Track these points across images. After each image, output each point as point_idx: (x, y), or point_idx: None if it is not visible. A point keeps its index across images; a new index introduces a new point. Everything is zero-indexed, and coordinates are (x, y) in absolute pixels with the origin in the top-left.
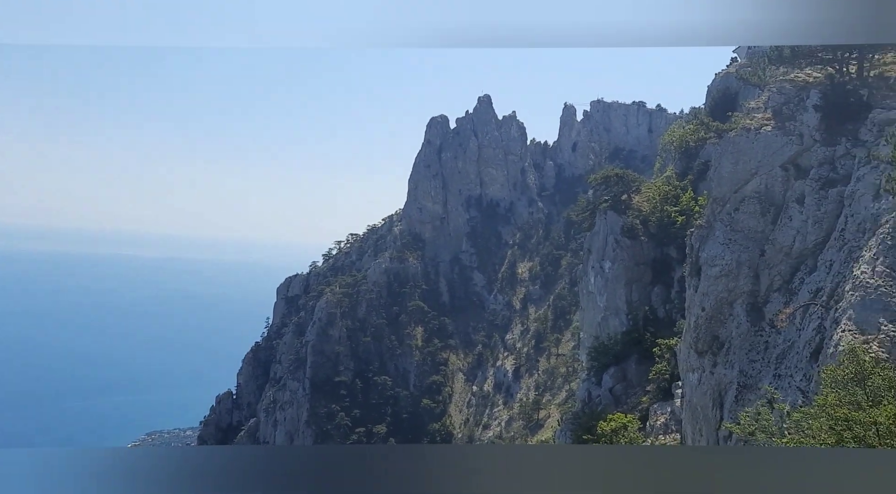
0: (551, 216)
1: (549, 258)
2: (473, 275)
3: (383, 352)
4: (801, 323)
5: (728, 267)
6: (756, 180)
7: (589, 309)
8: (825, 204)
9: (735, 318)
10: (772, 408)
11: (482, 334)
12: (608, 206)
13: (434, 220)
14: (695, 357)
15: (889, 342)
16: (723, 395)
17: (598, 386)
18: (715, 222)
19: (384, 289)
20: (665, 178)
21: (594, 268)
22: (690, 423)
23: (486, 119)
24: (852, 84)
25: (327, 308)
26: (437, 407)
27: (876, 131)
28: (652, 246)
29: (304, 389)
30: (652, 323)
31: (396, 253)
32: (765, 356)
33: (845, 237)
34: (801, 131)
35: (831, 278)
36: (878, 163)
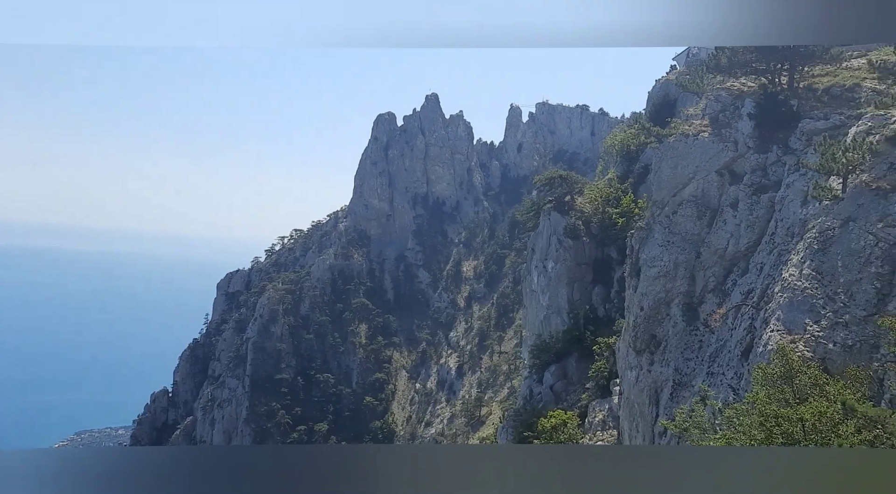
0: (496, 215)
1: (494, 257)
2: (419, 273)
3: (326, 350)
4: (733, 323)
5: (666, 269)
6: (693, 184)
7: (532, 308)
8: (757, 208)
9: (672, 318)
10: (705, 405)
11: (426, 332)
12: (552, 207)
13: (380, 217)
14: (633, 355)
15: (814, 342)
16: (659, 393)
17: (539, 383)
18: (654, 224)
19: (328, 286)
20: (607, 181)
21: (537, 268)
22: (628, 420)
23: (434, 117)
24: (783, 94)
25: (269, 304)
26: (379, 404)
27: (805, 140)
28: (593, 246)
29: (243, 387)
30: (592, 322)
31: (341, 250)
32: (699, 354)
33: (775, 241)
34: (736, 138)
35: (762, 280)
36: (806, 170)
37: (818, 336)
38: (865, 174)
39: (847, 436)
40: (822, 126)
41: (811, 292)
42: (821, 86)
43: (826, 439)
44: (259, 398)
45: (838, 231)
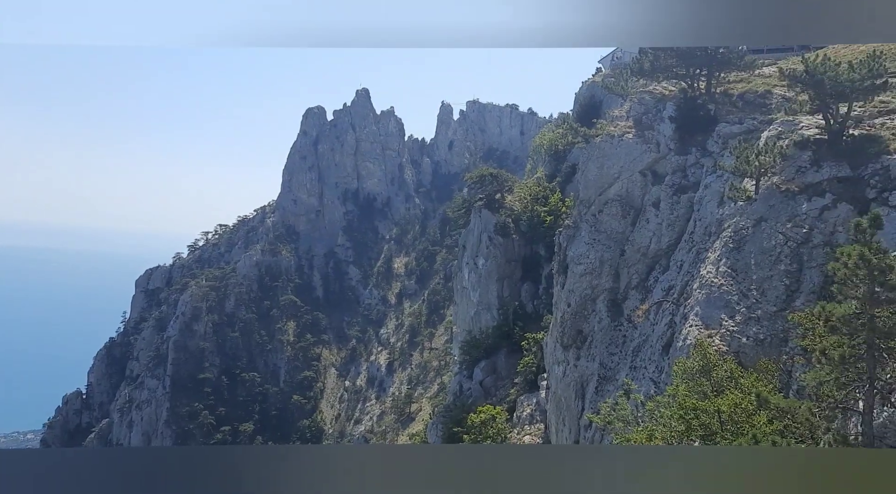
0: (428, 212)
1: (425, 253)
2: (349, 270)
3: (252, 348)
4: (654, 319)
5: (592, 266)
6: (618, 184)
7: (462, 304)
8: (677, 208)
9: (597, 314)
10: (628, 399)
11: (356, 329)
12: (483, 205)
13: (309, 213)
14: (560, 350)
15: (729, 336)
16: (585, 387)
17: (469, 379)
18: (581, 223)
19: (255, 283)
20: (536, 179)
21: (468, 264)
22: (555, 414)
23: (364, 113)
24: (701, 99)
25: (192, 301)
26: (307, 403)
27: (721, 143)
28: (523, 244)
29: (164, 387)
30: (521, 318)
31: (269, 246)
32: (623, 349)
33: (694, 239)
34: (658, 140)
35: (681, 277)
36: (722, 172)
37: (733, 330)
38: (776, 176)
39: (760, 426)
40: (737, 130)
41: (727, 289)
42: (736, 91)
43: (741, 429)
44: (181, 398)
45: (751, 230)
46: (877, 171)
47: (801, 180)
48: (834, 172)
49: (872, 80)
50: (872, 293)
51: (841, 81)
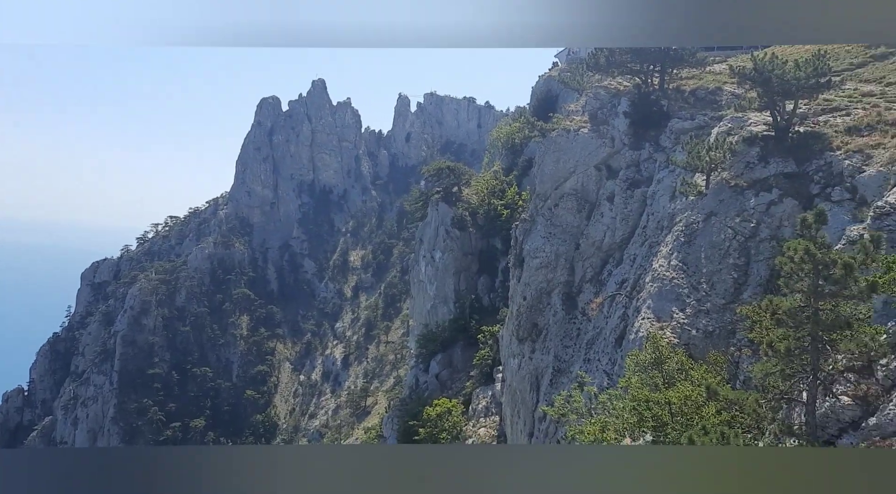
0: (384, 205)
1: (382, 247)
2: (304, 263)
3: (204, 342)
4: (608, 312)
5: (548, 259)
6: (574, 178)
7: (419, 298)
8: (631, 202)
9: (552, 307)
10: (582, 391)
11: (311, 322)
12: (440, 198)
13: (263, 205)
14: (516, 343)
15: (679, 328)
16: (539, 379)
17: (425, 372)
18: (537, 216)
19: (207, 276)
20: (493, 173)
21: (425, 258)
22: (510, 406)
23: (321, 104)
24: (655, 94)
25: (141, 295)
26: (261, 397)
27: (673, 138)
28: (479, 237)
29: (111, 383)
30: (477, 311)
31: (221, 239)
32: (577, 342)
33: (647, 233)
34: (613, 135)
35: (634, 270)
36: (674, 167)
37: (683, 323)
38: (726, 172)
39: (709, 418)
40: (689, 126)
41: (678, 282)
42: (688, 88)
43: (690, 421)
44: (129, 394)
45: (702, 225)
46: (820, 167)
47: (749, 176)
48: (780, 168)
49: (817, 78)
50: (817, 287)
51: (787, 79)
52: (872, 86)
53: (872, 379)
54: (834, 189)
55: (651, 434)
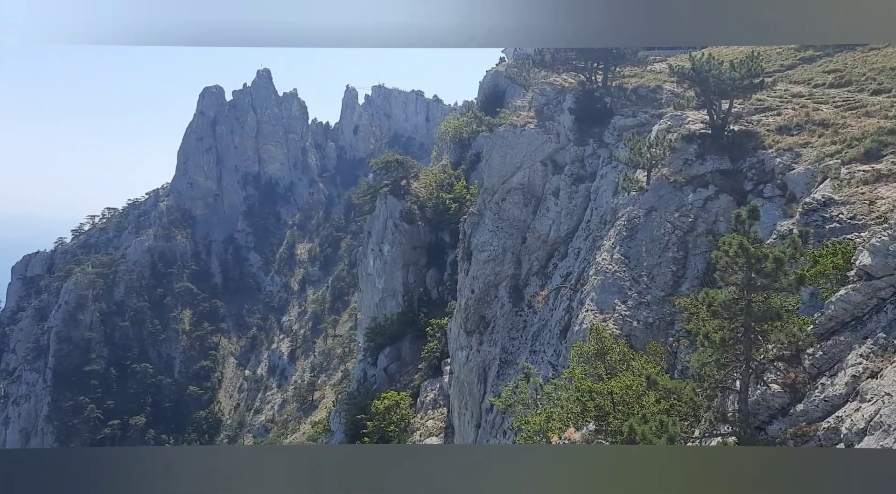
0: (332, 198)
1: (329, 240)
2: (249, 256)
3: (144, 338)
4: (553, 304)
5: (495, 253)
6: (520, 173)
7: (367, 291)
8: (576, 197)
9: (499, 300)
10: (528, 382)
11: (257, 316)
12: (388, 191)
13: (206, 197)
14: (464, 336)
15: (622, 320)
16: (487, 371)
17: (373, 365)
18: (485, 210)
19: (147, 270)
20: (441, 167)
21: (373, 251)
22: (457, 398)
23: (266, 94)
24: (599, 91)
25: (77, 289)
26: (204, 393)
27: (616, 135)
28: (428, 230)
29: (44, 381)
30: (426, 304)
31: (162, 231)
32: (523, 334)
33: (591, 227)
34: (559, 130)
35: (579, 264)
36: (617, 163)
37: (625, 315)
38: (666, 168)
39: (649, 406)
40: (631, 123)
41: (620, 275)
42: (630, 85)
43: (631, 409)
44: (63, 392)
45: (643, 219)
46: (753, 165)
47: (687, 172)
48: (716, 165)
49: (751, 78)
50: (750, 280)
51: (723, 79)
52: (801, 88)
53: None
54: (766, 185)
55: (594, 424)
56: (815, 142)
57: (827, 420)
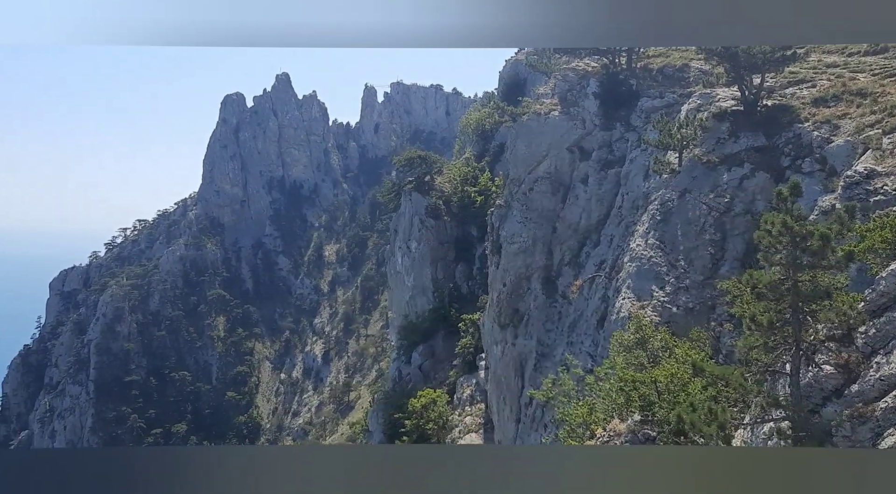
0: (356, 197)
1: (356, 239)
2: (278, 260)
3: (181, 346)
4: (588, 294)
5: (525, 244)
6: (547, 162)
7: (397, 289)
8: (605, 183)
9: (532, 292)
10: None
11: (289, 320)
12: (412, 188)
13: (233, 204)
14: (498, 330)
15: (660, 307)
16: (524, 365)
17: (407, 364)
18: (512, 202)
19: (179, 279)
20: (464, 160)
21: (401, 249)
22: (495, 393)
23: (286, 98)
24: (623, 74)
25: (113, 302)
26: (242, 398)
27: (644, 117)
28: (454, 225)
29: (87, 393)
30: (457, 300)
31: (192, 240)
32: (559, 325)
33: (622, 213)
34: (584, 116)
35: (612, 251)
36: (646, 146)
37: (664, 301)
38: (697, 148)
39: (696, 394)
40: (659, 104)
41: (656, 260)
42: (655, 66)
43: (678, 398)
44: (106, 403)
45: (677, 202)
46: (790, 140)
47: (720, 151)
48: (751, 142)
49: (783, 51)
50: (795, 259)
51: (753, 54)
52: (836, 57)
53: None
54: (804, 161)
55: (639, 414)
56: (854, 112)
57: (884, 400)
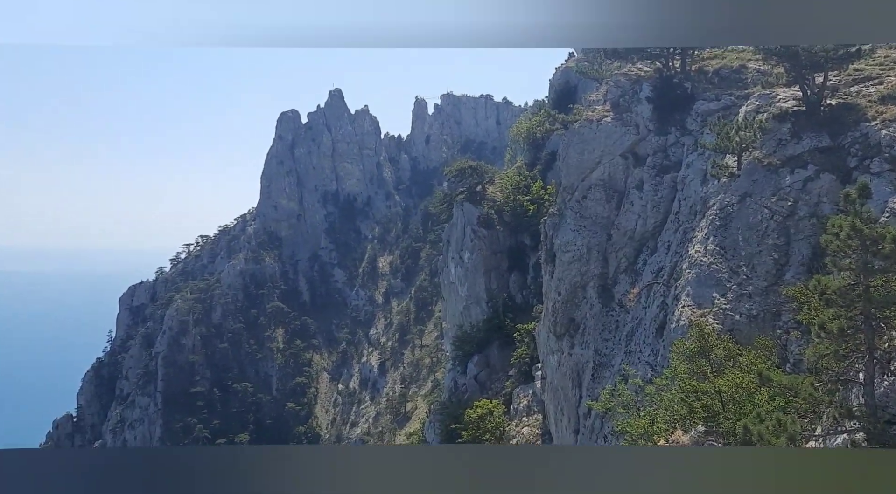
0: (409, 209)
1: (409, 251)
2: (334, 272)
3: (242, 358)
4: (646, 302)
5: (579, 253)
6: (600, 169)
7: (451, 300)
8: (661, 189)
9: (588, 300)
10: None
11: (346, 331)
12: (464, 198)
13: (290, 218)
14: (553, 340)
15: (722, 314)
16: (581, 375)
17: (463, 374)
18: (565, 210)
19: (240, 292)
20: (516, 169)
21: (454, 259)
22: (552, 403)
23: (339, 113)
24: (677, 77)
25: (178, 315)
26: (302, 409)
27: (700, 121)
28: (507, 234)
29: (155, 404)
30: (511, 310)
31: (252, 254)
32: (616, 335)
33: (680, 219)
34: (637, 122)
35: (670, 258)
36: (703, 150)
37: (725, 308)
38: (757, 151)
39: (762, 404)
40: (715, 106)
41: (716, 267)
42: (711, 68)
43: (743, 409)
44: (173, 414)
45: (737, 207)
46: (856, 140)
47: (782, 153)
48: (814, 143)
49: (846, 48)
50: (866, 263)
51: (815, 52)
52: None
53: None
54: (872, 160)
55: (703, 425)
56: None
57: None
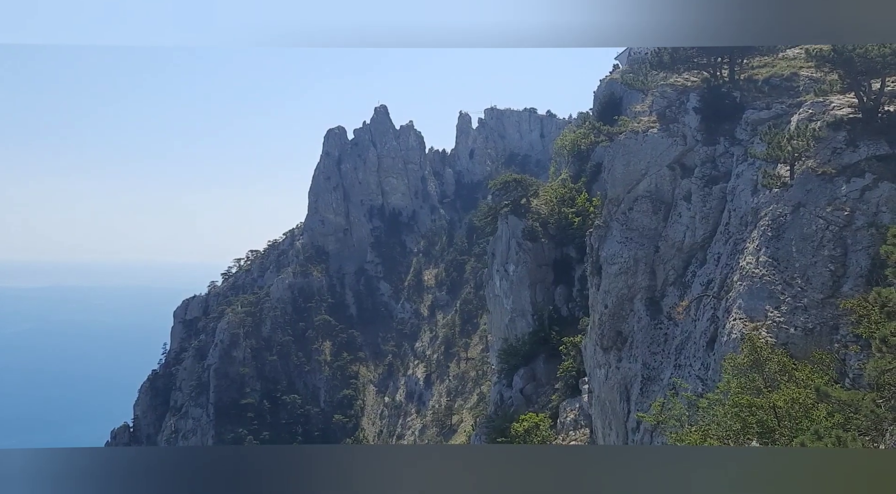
0: (453, 222)
1: (454, 264)
2: (380, 285)
3: (291, 370)
4: (696, 315)
5: (626, 265)
6: (646, 180)
7: (496, 312)
8: (710, 200)
9: (636, 313)
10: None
11: (391, 344)
12: (509, 211)
13: (337, 232)
14: (601, 353)
15: (776, 327)
16: (629, 388)
17: (508, 387)
18: (611, 222)
19: (289, 305)
20: (560, 181)
21: (499, 272)
22: (600, 417)
23: (384, 129)
24: (726, 87)
25: (229, 328)
26: (349, 421)
27: (750, 130)
28: (552, 247)
29: (208, 415)
30: (557, 322)
31: (300, 268)
32: (665, 348)
33: (730, 230)
34: (684, 132)
35: (720, 270)
36: (753, 160)
37: (779, 321)
38: (811, 160)
39: (820, 421)
40: (766, 115)
41: (769, 279)
42: (761, 76)
43: (800, 425)
44: (225, 425)
45: (790, 217)
46: None
47: (837, 162)
48: (872, 151)
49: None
50: None
51: (871, 57)
52: None
53: None
54: None
55: (757, 441)
56: None
57: None
